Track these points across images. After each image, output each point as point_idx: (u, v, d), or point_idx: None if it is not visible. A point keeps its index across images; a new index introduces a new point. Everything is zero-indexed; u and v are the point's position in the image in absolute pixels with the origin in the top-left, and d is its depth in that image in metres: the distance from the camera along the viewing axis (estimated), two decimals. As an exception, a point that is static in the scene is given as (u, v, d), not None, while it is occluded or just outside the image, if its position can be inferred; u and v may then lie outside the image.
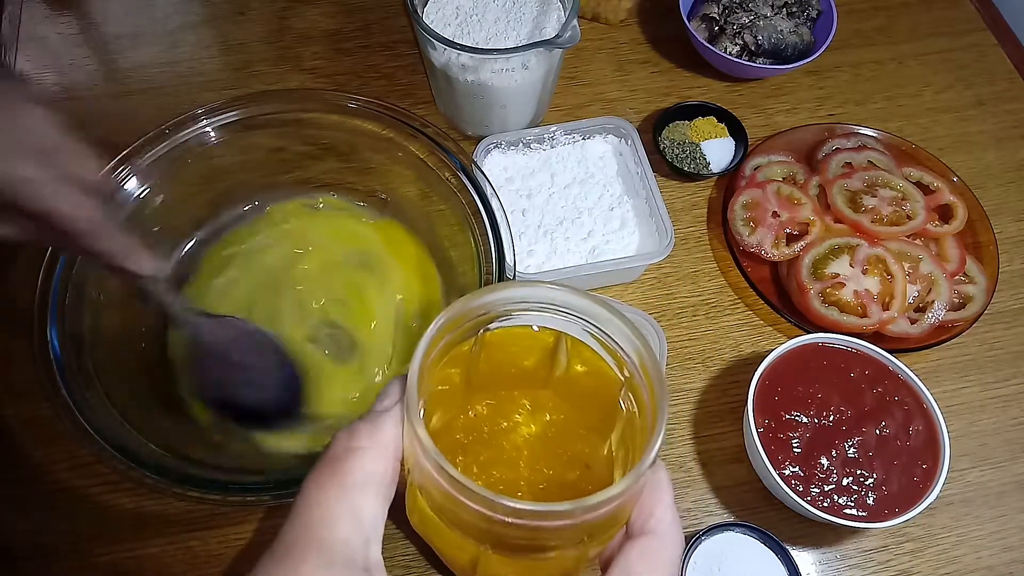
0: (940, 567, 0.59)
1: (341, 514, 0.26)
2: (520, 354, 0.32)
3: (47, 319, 0.52)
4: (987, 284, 0.69)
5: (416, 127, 0.62)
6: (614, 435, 0.31)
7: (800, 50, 0.80)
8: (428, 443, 0.25)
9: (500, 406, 0.31)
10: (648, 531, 0.28)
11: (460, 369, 0.31)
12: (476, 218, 0.59)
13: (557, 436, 0.31)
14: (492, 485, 0.29)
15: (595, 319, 0.30)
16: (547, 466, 0.30)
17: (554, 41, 0.64)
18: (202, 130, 0.61)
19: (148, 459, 0.48)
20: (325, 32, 0.85)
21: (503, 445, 0.31)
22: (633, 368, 0.30)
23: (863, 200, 0.70)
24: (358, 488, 0.26)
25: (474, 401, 0.31)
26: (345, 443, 0.27)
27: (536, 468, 0.30)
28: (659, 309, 0.69)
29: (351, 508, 0.26)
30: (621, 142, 0.74)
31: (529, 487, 0.30)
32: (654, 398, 0.29)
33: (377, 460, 0.27)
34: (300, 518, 0.26)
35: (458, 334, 0.30)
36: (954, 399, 0.66)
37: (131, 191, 0.58)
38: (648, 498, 0.28)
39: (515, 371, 0.32)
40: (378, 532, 0.27)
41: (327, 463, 0.27)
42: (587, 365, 0.31)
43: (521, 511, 0.25)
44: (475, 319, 0.30)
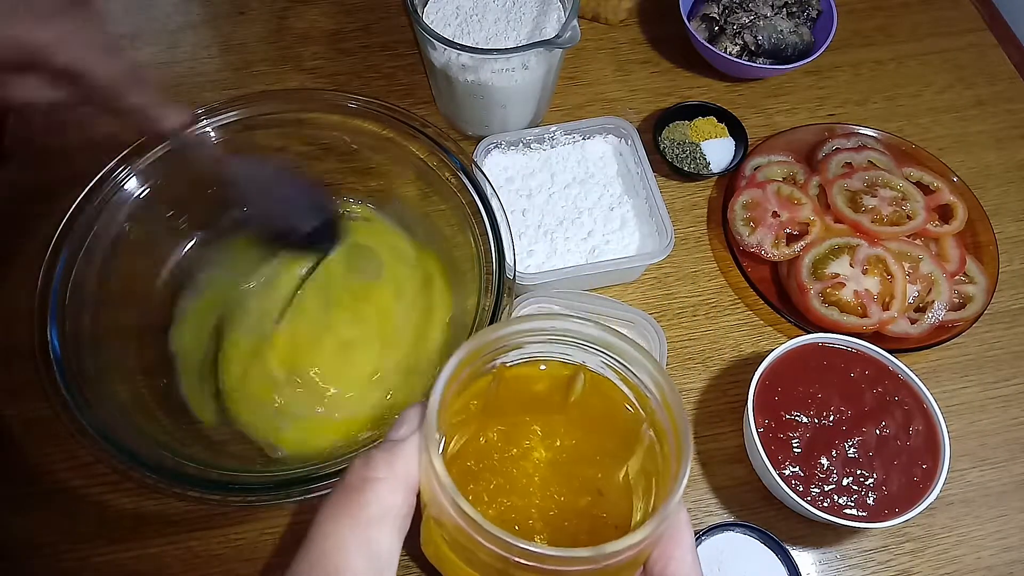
0: (940, 567, 0.59)
1: (355, 547, 0.25)
2: (537, 383, 0.32)
3: (47, 319, 0.52)
4: (987, 284, 0.69)
5: (416, 127, 0.62)
6: (632, 462, 0.30)
7: (800, 50, 0.80)
8: (446, 480, 0.25)
9: (511, 432, 0.31)
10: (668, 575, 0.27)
11: (478, 400, 0.31)
12: (476, 218, 0.59)
13: (569, 461, 0.31)
14: (504, 513, 0.29)
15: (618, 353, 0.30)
16: (559, 492, 0.30)
17: (554, 41, 0.64)
18: (202, 130, 0.61)
19: (148, 459, 0.48)
20: (325, 32, 0.85)
21: (514, 472, 0.30)
22: (655, 403, 0.30)
23: (863, 200, 0.70)
24: (374, 521, 0.26)
25: (487, 428, 0.31)
26: (361, 472, 0.27)
27: (547, 494, 0.30)
28: (659, 309, 0.69)
29: (365, 541, 0.25)
30: (621, 142, 0.74)
31: (540, 514, 0.30)
32: (678, 435, 0.28)
33: (394, 492, 0.26)
34: (312, 550, 0.25)
35: (477, 367, 0.30)
36: (954, 399, 0.66)
37: (131, 191, 0.58)
38: (668, 540, 0.27)
39: (530, 400, 0.32)
40: (392, 566, 0.26)
41: (342, 493, 0.26)
42: (602, 395, 0.31)
43: (539, 555, 0.24)
44: (494, 351, 0.30)
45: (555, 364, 0.31)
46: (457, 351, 0.28)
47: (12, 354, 0.61)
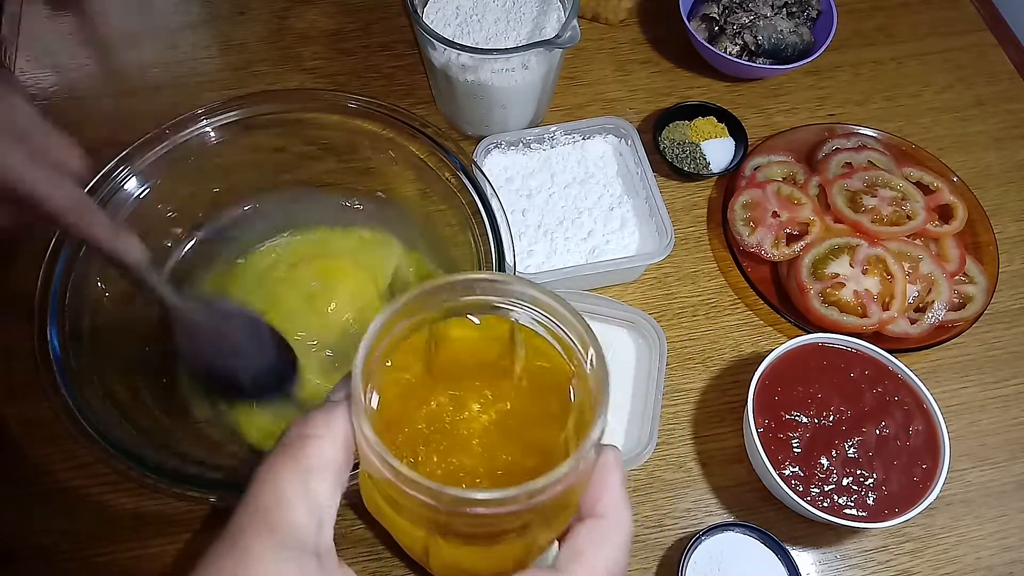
0: (940, 567, 0.59)
1: (294, 498, 0.26)
2: (477, 345, 0.32)
3: (47, 319, 0.52)
4: (987, 284, 0.69)
5: (416, 127, 0.61)
6: (570, 422, 0.31)
7: (800, 50, 0.80)
8: (372, 437, 0.25)
9: (460, 396, 0.31)
10: (596, 514, 0.27)
11: (418, 360, 0.31)
12: (476, 218, 0.59)
13: (516, 424, 0.31)
14: (451, 473, 0.29)
15: (540, 306, 0.31)
16: (505, 453, 0.31)
17: (554, 41, 0.64)
18: (202, 130, 0.61)
19: (148, 459, 0.48)
20: (325, 32, 0.85)
21: (462, 434, 0.31)
22: (579, 354, 0.30)
23: (863, 200, 0.70)
24: (312, 473, 0.26)
25: (434, 392, 0.31)
26: (300, 430, 0.27)
27: (494, 456, 0.30)
28: (659, 309, 0.69)
29: (304, 492, 0.26)
30: (621, 142, 0.74)
31: (488, 474, 0.30)
32: (597, 380, 0.29)
33: (331, 448, 0.27)
34: (252, 503, 0.26)
35: (412, 325, 0.30)
36: (954, 399, 0.66)
37: (131, 191, 0.58)
38: (596, 481, 0.28)
39: (474, 362, 0.32)
40: (331, 517, 0.27)
41: (281, 449, 0.27)
42: (542, 355, 0.32)
43: (466, 500, 0.25)
44: (428, 309, 0.30)
45: (489, 320, 0.32)
46: (382, 311, 0.28)
47: (12, 354, 0.61)
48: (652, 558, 0.59)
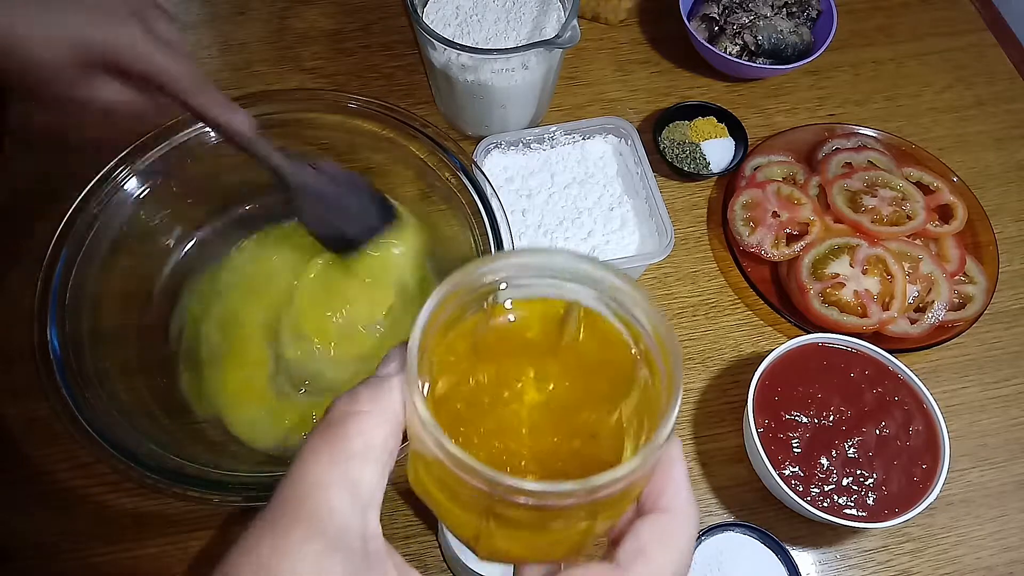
0: (940, 567, 0.59)
1: (335, 482, 0.24)
2: (529, 323, 0.31)
3: (47, 319, 0.52)
4: (987, 284, 0.69)
5: (416, 127, 0.61)
6: (626, 404, 0.29)
7: (800, 50, 0.80)
8: (427, 417, 0.24)
9: (504, 375, 0.30)
10: (661, 508, 0.26)
11: (467, 339, 0.30)
12: (476, 218, 0.59)
13: (563, 404, 0.30)
14: (495, 456, 0.28)
15: (609, 288, 0.29)
16: (552, 435, 0.29)
17: (554, 41, 0.64)
18: (202, 130, 0.61)
19: (148, 459, 0.48)
20: (325, 32, 0.85)
21: (506, 414, 0.29)
22: (648, 340, 0.29)
23: (863, 200, 0.70)
24: (356, 456, 0.24)
25: (478, 370, 0.30)
26: (345, 407, 0.25)
27: (540, 437, 0.29)
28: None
29: (347, 476, 0.24)
30: (621, 142, 0.74)
31: (533, 456, 0.29)
32: (670, 369, 0.27)
33: (378, 426, 0.25)
34: (292, 487, 0.24)
35: (464, 304, 0.28)
36: (954, 399, 0.66)
37: (131, 191, 0.58)
38: (661, 474, 0.26)
39: (522, 340, 0.31)
40: (376, 501, 0.25)
41: (324, 428, 0.25)
42: (598, 334, 0.30)
43: (523, 490, 0.23)
44: (481, 287, 0.29)
45: (547, 301, 0.30)
46: (439, 287, 0.27)
47: (12, 354, 0.61)
48: (652, 558, 0.59)
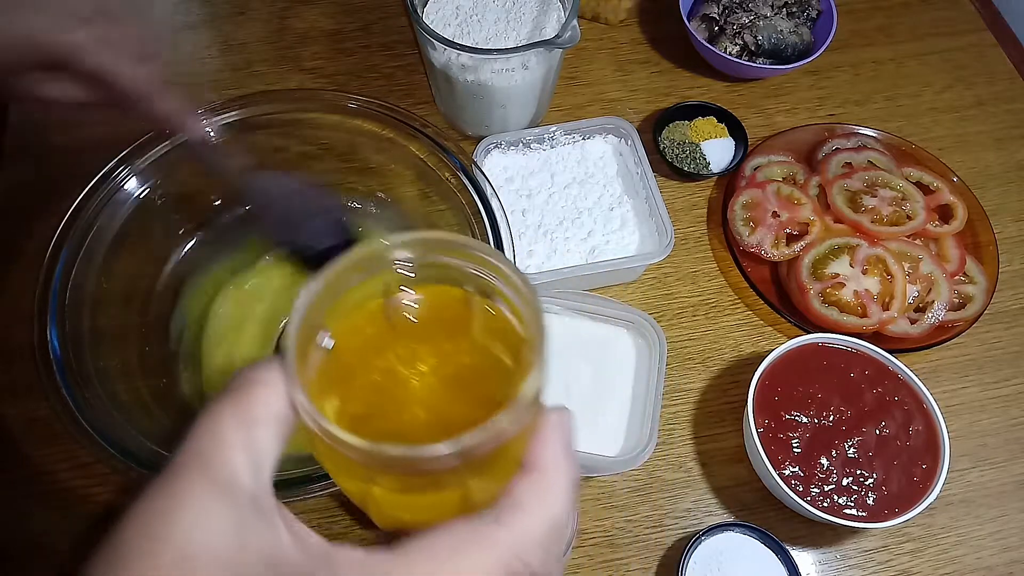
0: (940, 567, 0.59)
1: (235, 443, 0.24)
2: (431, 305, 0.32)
3: (47, 319, 0.52)
4: (987, 284, 0.69)
5: (416, 127, 0.61)
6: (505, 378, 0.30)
7: (800, 50, 0.80)
8: (300, 397, 0.25)
9: (393, 354, 0.31)
10: (537, 467, 0.27)
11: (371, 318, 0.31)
12: (476, 218, 0.59)
13: (466, 382, 0.31)
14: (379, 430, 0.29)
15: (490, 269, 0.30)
16: (454, 408, 0.30)
17: (554, 41, 0.64)
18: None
19: (148, 459, 0.48)
20: (325, 32, 0.85)
21: (412, 389, 0.30)
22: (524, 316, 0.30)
23: (863, 200, 0.70)
24: (257, 421, 0.25)
25: (386, 348, 0.31)
26: (248, 375, 0.26)
27: (442, 410, 0.30)
28: (659, 309, 0.69)
29: (246, 437, 0.25)
30: (621, 142, 0.74)
31: (414, 429, 0.30)
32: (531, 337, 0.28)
33: (278, 397, 0.26)
34: (194, 441, 0.25)
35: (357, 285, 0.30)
36: (954, 399, 0.66)
37: (131, 191, 0.58)
38: (537, 438, 0.27)
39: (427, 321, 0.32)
40: (270, 464, 0.25)
41: (229, 392, 0.25)
42: (494, 318, 0.31)
43: (388, 455, 0.24)
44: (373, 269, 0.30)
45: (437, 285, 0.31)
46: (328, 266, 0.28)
47: (12, 354, 0.61)
48: (652, 558, 0.59)
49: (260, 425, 0.25)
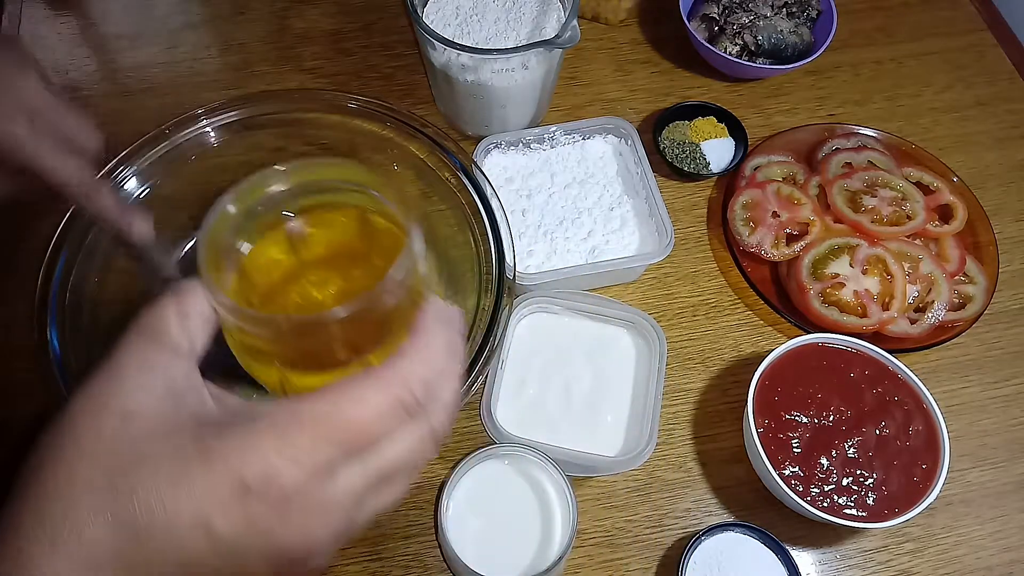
0: (940, 567, 0.59)
1: (173, 330, 0.29)
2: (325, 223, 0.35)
3: (47, 319, 0.52)
4: (987, 284, 0.69)
5: (416, 127, 0.62)
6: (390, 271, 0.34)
7: (800, 50, 0.80)
8: (208, 280, 0.29)
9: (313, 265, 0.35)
10: (414, 332, 0.30)
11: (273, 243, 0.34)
12: (476, 218, 0.59)
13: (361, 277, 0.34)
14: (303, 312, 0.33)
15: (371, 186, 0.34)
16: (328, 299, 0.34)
17: (554, 41, 0.64)
18: (202, 130, 0.61)
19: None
20: (325, 32, 0.85)
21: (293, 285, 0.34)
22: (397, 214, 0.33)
23: (863, 200, 0.70)
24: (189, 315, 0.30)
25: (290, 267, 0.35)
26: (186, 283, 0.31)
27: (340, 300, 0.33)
28: (659, 309, 0.69)
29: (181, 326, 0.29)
30: (621, 142, 0.74)
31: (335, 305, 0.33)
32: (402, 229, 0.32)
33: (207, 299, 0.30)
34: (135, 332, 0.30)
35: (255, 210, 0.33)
36: (954, 399, 0.66)
37: (131, 191, 0.58)
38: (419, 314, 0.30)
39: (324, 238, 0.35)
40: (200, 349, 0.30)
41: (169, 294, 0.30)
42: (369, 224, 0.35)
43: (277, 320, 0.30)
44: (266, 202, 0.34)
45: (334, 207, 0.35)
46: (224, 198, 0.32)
47: (12, 354, 0.61)
48: (652, 558, 0.59)
49: (192, 318, 0.30)
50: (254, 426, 0.26)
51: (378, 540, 0.58)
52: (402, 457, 0.28)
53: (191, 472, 0.25)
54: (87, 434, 0.27)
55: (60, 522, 0.25)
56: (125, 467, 0.26)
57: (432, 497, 0.60)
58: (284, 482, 0.25)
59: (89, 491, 0.25)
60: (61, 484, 0.26)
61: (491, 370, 0.60)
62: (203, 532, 0.25)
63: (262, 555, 0.26)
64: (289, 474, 0.25)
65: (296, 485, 0.25)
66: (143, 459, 0.26)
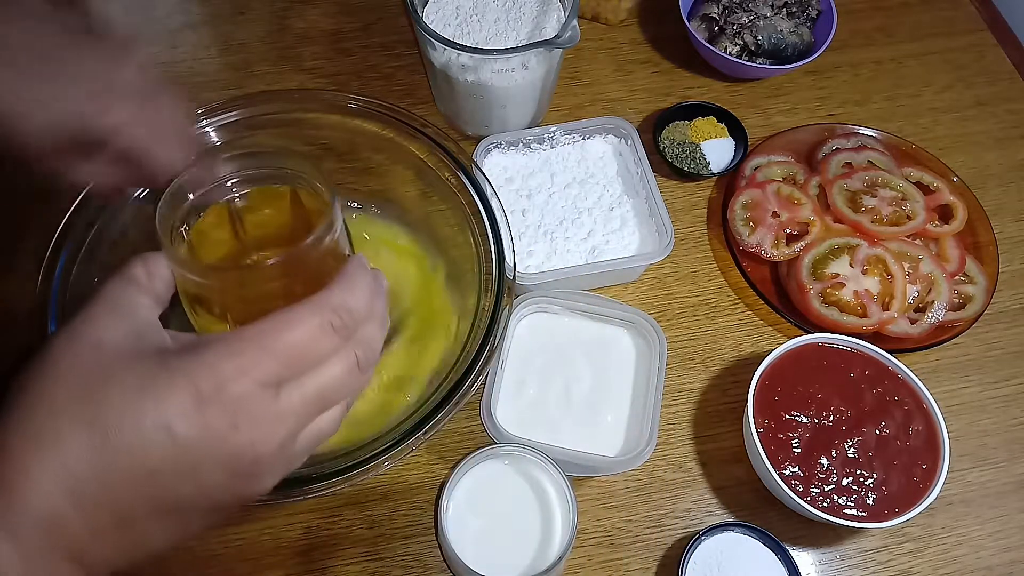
0: (940, 567, 0.59)
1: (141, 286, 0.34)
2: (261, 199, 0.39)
3: (47, 319, 0.52)
4: (987, 284, 0.69)
5: (416, 127, 0.61)
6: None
7: (800, 50, 0.80)
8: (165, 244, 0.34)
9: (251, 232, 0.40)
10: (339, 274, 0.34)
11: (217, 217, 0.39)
12: (476, 218, 0.59)
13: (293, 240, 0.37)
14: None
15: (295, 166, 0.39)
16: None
17: (554, 41, 0.64)
18: (202, 130, 0.61)
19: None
20: (325, 32, 0.85)
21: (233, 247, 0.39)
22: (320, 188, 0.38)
23: (863, 200, 0.70)
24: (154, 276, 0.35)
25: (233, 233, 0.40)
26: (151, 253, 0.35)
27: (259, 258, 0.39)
28: (659, 309, 0.69)
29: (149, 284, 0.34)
30: (621, 142, 0.74)
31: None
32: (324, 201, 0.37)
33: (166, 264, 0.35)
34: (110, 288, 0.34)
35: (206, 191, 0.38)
36: (954, 399, 0.66)
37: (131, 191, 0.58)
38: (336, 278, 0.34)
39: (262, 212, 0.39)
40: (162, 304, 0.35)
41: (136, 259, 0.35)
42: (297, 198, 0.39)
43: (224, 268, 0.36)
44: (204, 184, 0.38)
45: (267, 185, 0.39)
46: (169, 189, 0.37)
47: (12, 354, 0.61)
48: (652, 558, 0.59)
49: (155, 278, 0.35)
50: (209, 347, 0.30)
51: (378, 540, 0.58)
52: (335, 381, 0.32)
53: (156, 384, 0.29)
54: (64, 360, 0.31)
55: (42, 427, 0.29)
56: (98, 384, 0.30)
57: (432, 497, 0.60)
58: (234, 389, 0.29)
59: (68, 403, 0.29)
60: (44, 398, 0.29)
61: (491, 370, 0.60)
62: (166, 435, 0.29)
63: (216, 461, 0.29)
64: (238, 383, 0.29)
65: (244, 393, 0.29)
66: (113, 377, 0.30)
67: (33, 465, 0.28)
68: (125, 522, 0.30)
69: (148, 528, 0.31)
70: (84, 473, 0.28)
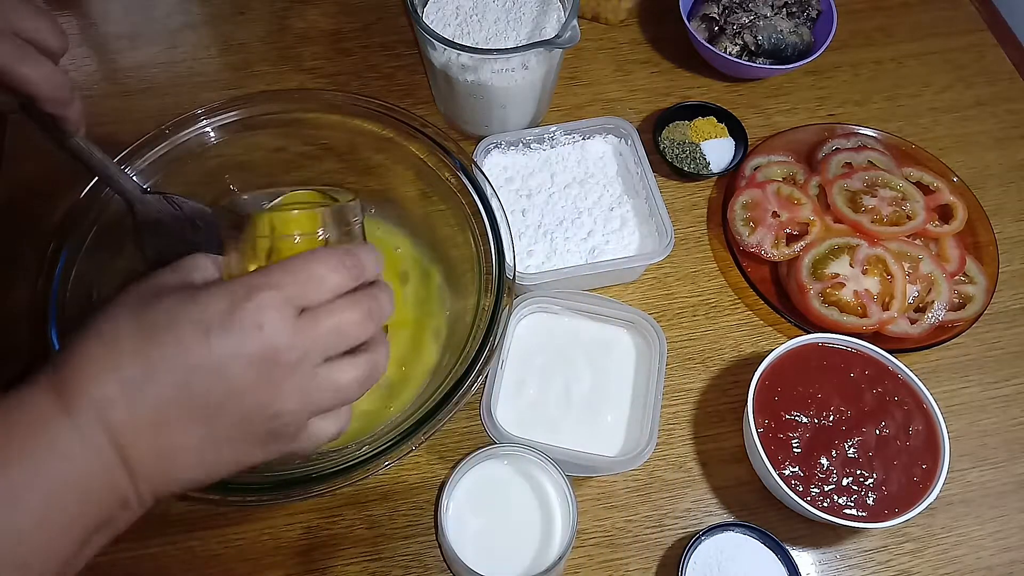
0: (940, 567, 0.59)
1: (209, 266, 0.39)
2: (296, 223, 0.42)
3: (47, 319, 0.52)
4: (987, 284, 0.69)
5: (416, 127, 0.62)
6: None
7: (800, 50, 0.80)
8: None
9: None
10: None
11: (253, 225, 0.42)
12: (476, 218, 0.59)
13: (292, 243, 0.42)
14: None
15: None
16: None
17: (554, 41, 0.64)
18: (202, 130, 0.61)
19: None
20: (325, 32, 0.85)
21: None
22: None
23: (863, 200, 0.70)
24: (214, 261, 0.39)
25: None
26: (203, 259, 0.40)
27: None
28: (659, 309, 0.69)
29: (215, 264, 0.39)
30: (621, 142, 0.74)
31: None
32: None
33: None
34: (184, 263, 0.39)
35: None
36: (954, 399, 0.66)
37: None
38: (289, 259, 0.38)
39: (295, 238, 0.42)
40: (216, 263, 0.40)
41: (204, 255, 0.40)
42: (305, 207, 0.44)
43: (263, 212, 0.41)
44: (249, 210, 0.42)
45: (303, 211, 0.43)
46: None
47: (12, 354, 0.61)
48: (652, 558, 0.59)
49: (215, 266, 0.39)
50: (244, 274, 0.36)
51: (378, 540, 0.58)
52: (348, 321, 0.36)
53: (199, 295, 0.34)
54: (129, 293, 0.36)
55: (103, 328, 0.34)
56: (153, 297, 0.35)
57: (432, 497, 0.60)
58: (262, 295, 0.34)
59: (125, 310, 0.35)
60: (108, 312, 0.35)
61: (491, 370, 0.60)
62: (202, 333, 0.33)
63: (244, 360, 0.33)
64: (265, 291, 0.34)
65: (270, 299, 0.34)
66: (166, 292, 0.35)
67: (95, 354, 0.33)
68: (160, 422, 0.33)
69: (180, 436, 0.34)
70: (130, 364, 0.33)
